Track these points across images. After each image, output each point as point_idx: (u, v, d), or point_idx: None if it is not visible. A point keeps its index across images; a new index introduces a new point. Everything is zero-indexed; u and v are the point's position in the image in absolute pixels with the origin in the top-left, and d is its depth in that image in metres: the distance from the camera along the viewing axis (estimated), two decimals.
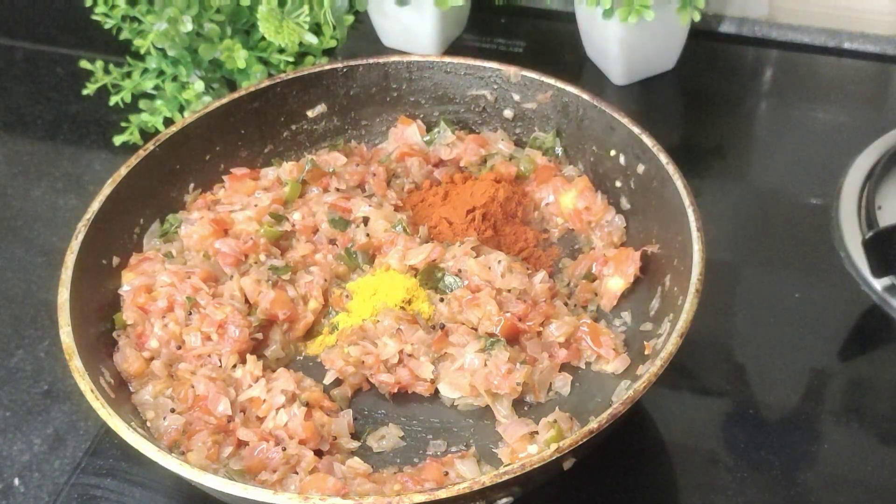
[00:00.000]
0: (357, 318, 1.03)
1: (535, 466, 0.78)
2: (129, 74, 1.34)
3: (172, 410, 0.94)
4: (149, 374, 0.98)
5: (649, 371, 0.84)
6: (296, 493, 0.79)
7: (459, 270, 1.04)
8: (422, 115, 1.22)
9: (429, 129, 1.22)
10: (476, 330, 0.99)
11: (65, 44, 1.52)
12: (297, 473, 0.90)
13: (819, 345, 1.05)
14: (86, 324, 0.95)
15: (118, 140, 1.30)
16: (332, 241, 1.10)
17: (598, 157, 1.13)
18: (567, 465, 0.84)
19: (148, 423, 0.93)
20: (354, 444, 0.96)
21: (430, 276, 1.04)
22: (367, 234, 1.09)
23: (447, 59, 1.19)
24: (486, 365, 0.95)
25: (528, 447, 0.91)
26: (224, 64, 1.29)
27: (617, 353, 0.98)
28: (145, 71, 1.32)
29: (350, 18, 1.34)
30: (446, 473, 0.90)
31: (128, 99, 1.32)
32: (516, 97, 1.18)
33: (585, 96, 1.12)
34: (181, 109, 1.31)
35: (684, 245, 0.95)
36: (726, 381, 1.02)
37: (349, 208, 1.11)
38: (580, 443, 0.79)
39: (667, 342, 0.86)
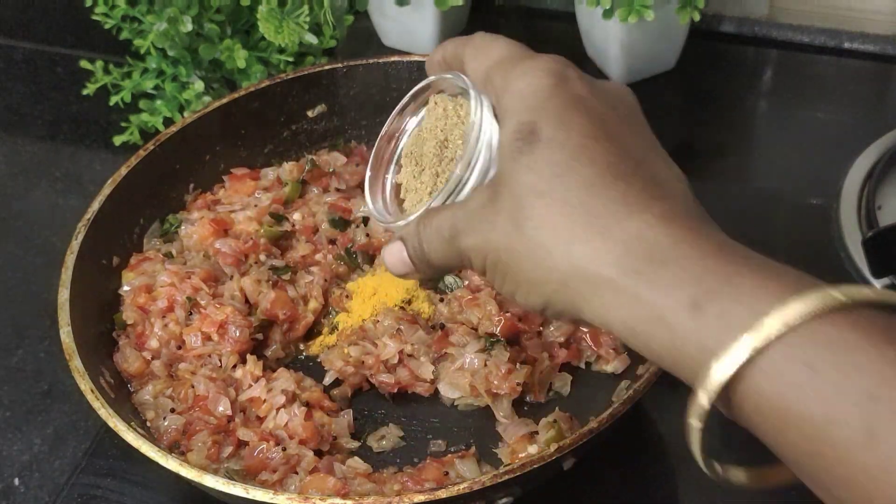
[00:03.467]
0: (357, 318, 1.03)
1: (535, 466, 0.78)
2: (129, 74, 1.34)
3: (172, 410, 0.94)
4: (149, 374, 0.98)
5: (649, 371, 0.84)
6: (296, 494, 0.79)
7: (459, 270, 1.03)
8: None
9: None
10: (476, 330, 0.99)
11: (65, 44, 1.52)
12: (297, 473, 0.90)
13: None
14: (86, 324, 0.95)
15: (118, 140, 1.30)
16: (332, 241, 1.10)
17: None
18: (567, 465, 0.84)
19: (148, 423, 0.93)
20: (354, 444, 0.95)
21: None
22: (367, 234, 1.09)
23: None
24: (486, 365, 0.95)
25: (528, 447, 0.91)
26: (224, 64, 1.29)
27: (617, 353, 0.98)
28: (145, 71, 1.32)
29: (350, 18, 1.34)
30: (446, 473, 0.90)
31: (128, 99, 1.32)
32: None
33: None
34: (181, 109, 1.31)
35: None
36: None
37: (349, 208, 1.11)
38: (580, 443, 0.79)
39: None
